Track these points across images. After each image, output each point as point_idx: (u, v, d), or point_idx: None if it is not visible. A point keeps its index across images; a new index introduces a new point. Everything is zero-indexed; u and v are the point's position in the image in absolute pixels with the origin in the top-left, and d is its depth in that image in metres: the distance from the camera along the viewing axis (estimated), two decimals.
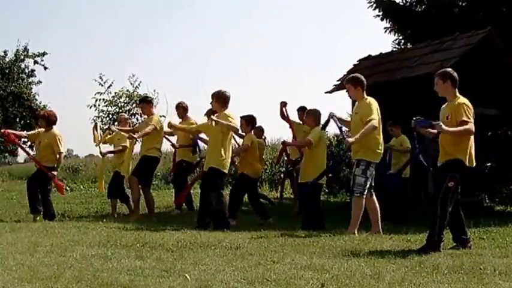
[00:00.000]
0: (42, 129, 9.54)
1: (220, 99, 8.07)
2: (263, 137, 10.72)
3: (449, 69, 6.32)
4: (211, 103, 8.24)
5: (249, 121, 9.12)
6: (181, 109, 10.29)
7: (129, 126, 10.48)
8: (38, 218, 9.01)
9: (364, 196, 7.22)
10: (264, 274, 4.49)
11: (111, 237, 6.65)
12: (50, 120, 9.47)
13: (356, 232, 7.15)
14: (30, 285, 4.14)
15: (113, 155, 10.50)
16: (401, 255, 5.49)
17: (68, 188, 17.66)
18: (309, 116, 8.42)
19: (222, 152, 7.90)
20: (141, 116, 18.35)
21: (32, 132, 10.21)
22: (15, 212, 10.45)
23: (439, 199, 5.86)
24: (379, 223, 7.37)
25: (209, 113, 9.13)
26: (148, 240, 6.33)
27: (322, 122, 8.39)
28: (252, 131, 9.26)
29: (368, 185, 7.24)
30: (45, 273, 4.49)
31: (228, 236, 6.84)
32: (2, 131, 10.10)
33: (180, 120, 10.26)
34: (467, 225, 6.30)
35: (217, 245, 5.99)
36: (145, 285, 4.14)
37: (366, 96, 7.42)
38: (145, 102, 9.92)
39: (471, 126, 5.91)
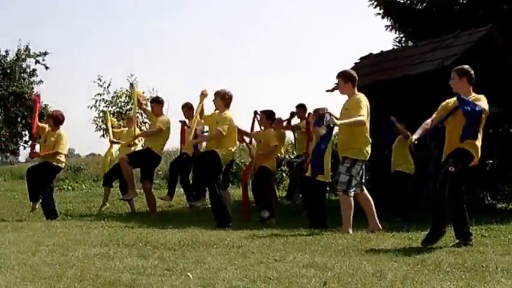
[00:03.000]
0: (49, 128, 9.60)
1: (225, 99, 8.20)
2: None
3: (466, 66, 6.34)
4: (213, 101, 8.32)
5: (269, 116, 9.29)
6: (187, 109, 10.31)
7: (137, 124, 10.57)
8: (36, 206, 9.32)
9: (351, 194, 7.16)
10: (266, 272, 4.49)
11: (113, 236, 6.66)
12: (57, 119, 9.55)
13: (351, 231, 7.10)
14: (32, 285, 4.14)
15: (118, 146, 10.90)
16: (403, 253, 5.49)
17: (70, 187, 17.69)
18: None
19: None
20: (141, 115, 18.36)
21: (43, 125, 10.12)
22: (17, 211, 10.46)
23: (438, 182, 5.88)
24: (376, 218, 7.34)
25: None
26: (151, 239, 6.34)
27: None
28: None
29: (354, 183, 7.17)
30: (47, 273, 4.49)
31: (230, 234, 6.84)
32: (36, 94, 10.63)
33: (187, 120, 10.30)
34: (469, 223, 6.30)
35: (219, 244, 6.00)
36: (148, 284, 4.14)
37: (356, 92, 7.35)
38: (156, 103, 9.96)
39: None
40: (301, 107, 10.64)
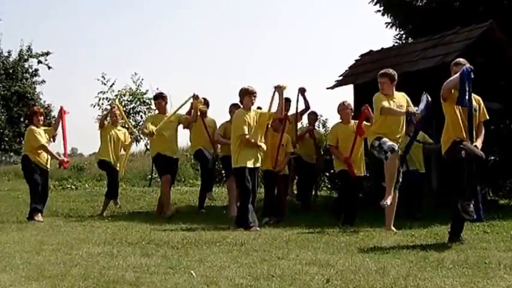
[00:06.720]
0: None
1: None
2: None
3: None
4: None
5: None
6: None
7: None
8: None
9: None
10: (269, 270, 4.51)
11: (117, 235, 6.69)
12: (27, 116, 9.57)
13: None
14: (37, 284, 4.17)
15: None
16: (406, 250, 5.50)
17: (73, 186, 17.72)
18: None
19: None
20: (145, 114, 18.39)
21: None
22: (21, 211, 10.46)
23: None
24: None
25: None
26: (154, 237, 6.37)
27: None
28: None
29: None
30: (51, 272, 4.52)
31: (233, 232, 6.87)
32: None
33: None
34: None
35: (222, 242, 6.02)
36: (151, 282, 4.16)
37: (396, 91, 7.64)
38: None
39: None
40: (286, 101, 10.40)
